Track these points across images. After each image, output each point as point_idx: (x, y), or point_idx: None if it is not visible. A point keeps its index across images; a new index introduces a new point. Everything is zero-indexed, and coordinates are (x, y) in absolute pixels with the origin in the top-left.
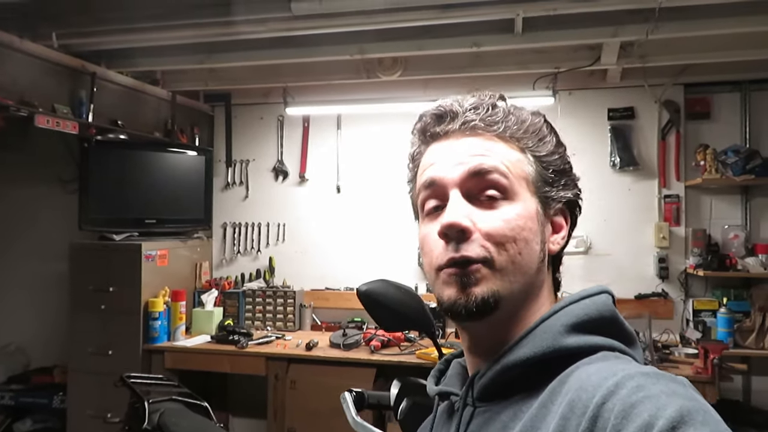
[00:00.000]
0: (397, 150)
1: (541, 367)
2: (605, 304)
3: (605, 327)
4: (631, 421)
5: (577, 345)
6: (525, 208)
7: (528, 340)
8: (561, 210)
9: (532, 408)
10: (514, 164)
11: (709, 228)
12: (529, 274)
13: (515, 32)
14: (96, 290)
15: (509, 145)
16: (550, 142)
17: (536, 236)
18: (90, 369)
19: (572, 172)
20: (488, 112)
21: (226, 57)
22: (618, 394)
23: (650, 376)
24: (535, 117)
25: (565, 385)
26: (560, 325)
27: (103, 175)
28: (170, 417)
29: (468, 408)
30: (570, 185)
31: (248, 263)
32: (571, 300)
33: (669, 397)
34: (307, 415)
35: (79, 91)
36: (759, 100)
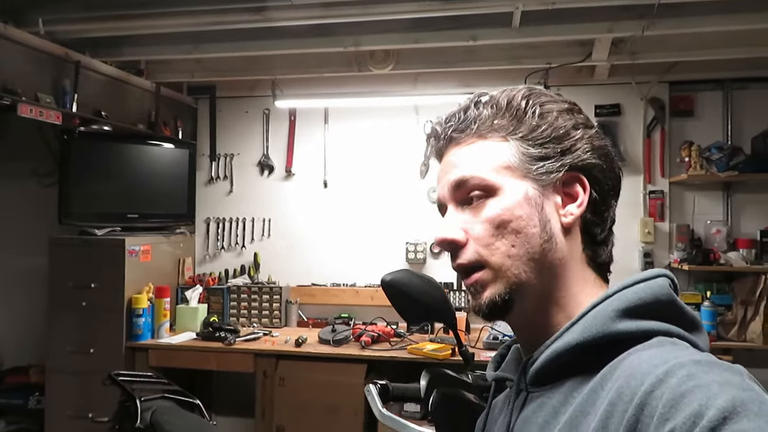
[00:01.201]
0: (385, 145)
1: (594, 352)
2: (661, 287)
3: (661, 311)
4: (679, 410)
5: (629, 330)
6: (510, 197)
7: (579, 325)
8: (569, 178)
9: (583, 393)
10: (492, 158)
11: (692, 223)
12: (534, 260)
13: (513, 26)
14: (77, 287)
15: (488, 139)
16: (532, 118)
17: (530, 220)
18: (70, 368)
19: (570, 133)
20: (461, 118)
21: (215, 47)
22: (667, 383)
23: (702, 365)
24: (512, 98)
25: (616, 371)
26: (611, 310)
27: (85, 167)
28: (163, 415)
29: (522, 393)
30: (571, 149)
31: (232, 259)
32: (625, 284)
33: (721, 386)
34: (297, 412)
35: (62, 80)
36: (740, 98)
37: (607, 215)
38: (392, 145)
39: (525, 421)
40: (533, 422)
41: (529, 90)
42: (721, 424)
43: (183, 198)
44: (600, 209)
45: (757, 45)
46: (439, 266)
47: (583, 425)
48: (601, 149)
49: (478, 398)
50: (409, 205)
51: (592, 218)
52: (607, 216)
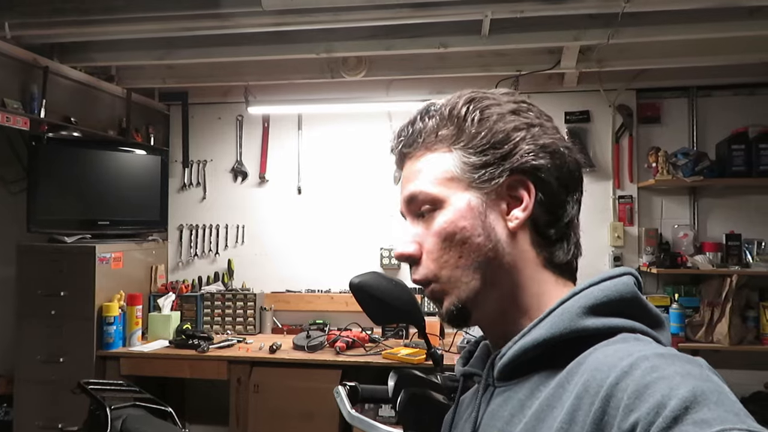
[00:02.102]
0: (359, 151)
1: (560, 348)
2: (626, 285)
3: (626, 308)
4: (643, 401)
5: (595, 327)
6: (453, 210)
7: (546, 321)
8: (513, 181)
9: (550, 387)
10: (437, 171)
11: (660, 227)
12: (482, 268)
13: (482, 34)
14: (46, 295)
15: (435, 151)
16: (472, 125)
17: (474, 230)
18: (39, 378)
19: (511, 136)
20: (409, 132)
21: (187, 53)
22: (632, 375)
23: (665, 357)
24: (455, 106)
25: (582, 366)
26: (578, 307)
27: (54, 174)
28: (134, 423)
29: (489, 388)
30: (510, 152)
31: (206, 266)
32: (592, 282)
33: (683, 377)
34: (272, 419)
35: (30, 85)
36: (704, 105)
37: (562, 212)
38: (366, 151)
39: (492, 415)
40: (500, 416)
41: (472, 95)
42: (683, 413)
43: (155, 205)
44: (552, 208)
45: (719, 53)
46: None
47: (549, 418)
48: (547, 147)
49: (446, 398)
50: (383, 210)
51: (544, 219)
52: (563, 213)
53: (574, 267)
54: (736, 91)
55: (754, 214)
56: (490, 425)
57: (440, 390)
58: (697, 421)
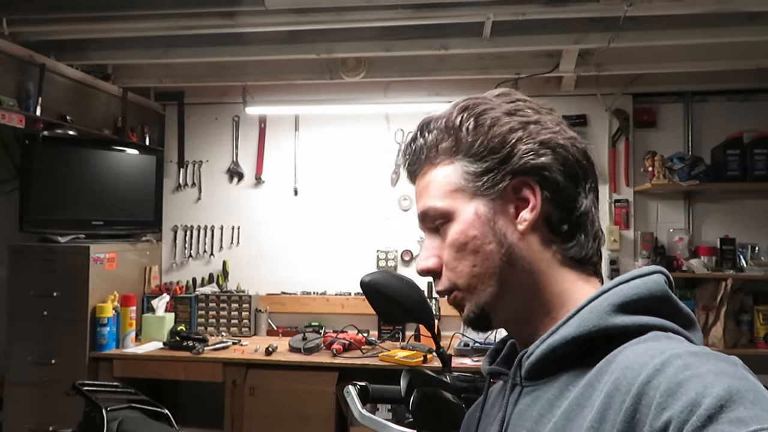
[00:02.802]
0: (356, 153)
1: (589, 347)
2: (657, 283)
3: (657, 307)
4: (676, 400)
5: (625, 324)
6: (462, 220)
7: (575, 319)
8: (517, 184)
9: (578, 387)
10: (443, 184)
11: (656, 231)
12: (498, 273)
13: (483, 36)
14: (38, 295)
15: (438, 165)
16: (467, 134)
17: (485, 237)
18: (30, 380)
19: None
20: (411, 151)
21: (185, 52)
22: (664, 373)
23: (699, 355)
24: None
25: (612, 364)
26: (607, 305)
27: (48, 173)
28: (130, 425)
29: (516, 387)
30: (509, 155)
31: (200, 267)
32: (622, 280)
33: (717, 376)
34: (268, 422)
35: (26, 83)
36: (700, 110)
37: (573, 205)
38: (363, 153)
39: (520, 415)
40: (528, 416)
41: (466, 103)
42: (718, 412)
43: (150, 205)
44: (563, 203)
45: (715, 59)
46: (411, 274)
47: (579, 418)
48: (546, 143)
49: (456, 398)
50: (380, 212)
51: (557, 215)
52: (575, 206)
53: (595, 260)
54: (730, 97)
55: (748, 218)
56: (518, 425)
57: (450, 390)
58: (733, 419)
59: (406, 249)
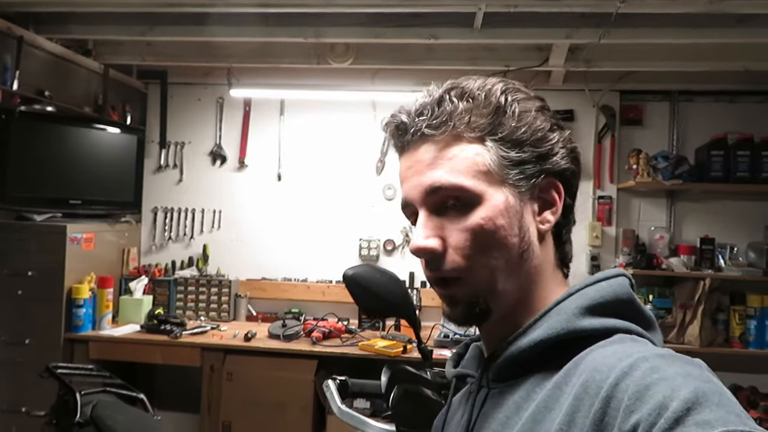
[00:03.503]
0: (341, 140)
1: (556, 349)
2: (622, 286)
3: (622, 310)
4: (644, 402)
5: (592, 327)
6: (490, 207)
7: (542, 322)
8: (547, 183)
9: (546, 389)
10: (471, 162)
11: (637, 229)
12: (511, 269)
13: (474, 27)
14: (12, 274)
15: (465, 139)
16: (512, 118)
17: (511, 229)
18: (2, 360)
19: (548, 136)
20: (434, 114)
21: (169, 30)
22: (632, 375)
23: (666, 358)
24: (491, 93)
25: (579, 366)
26: (575, 308)
27: (25, 149)
28: (104, 410)
29: (483, 389)
30: (548, 153)
31: (180, 250)
32: (587, 282)
33: (684, 378)
34: (245, 408)
35: (3, 55)
36: (686, 110)
37: (571, 216)
38: (349, 140)
39: (486, 417)
40: (494, 418)
41: (505, 84)
42: (685, 414)
43: (129, 185)
44: (568, 211)
45: (703, 59)
46: (392, 263)
47: (546, 420)
48: (573, 152)
49: (436, 395)
50: (364, 201)
51: (561, 221)
52: (571, 216)
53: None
54: (717, 98)
55: (728, 219)
56: (484, 427)
57: (430, 386)
58: (699, 422)
59: (388, 238)
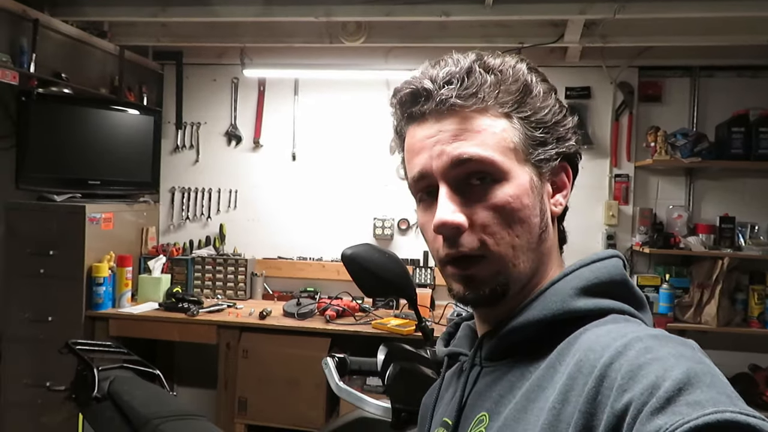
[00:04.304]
0: (355, 119)
1: (551, 329)
2: (616, 267)
3: (616, 290)
4: (637, 382)
5: (587, 308)
6: (517, 184)
7: (538, 302)
8: (560, 167)
9: (540, 368)
10: (499, 138)
11: (655, 207)
12: (531, 250)
13: (486, 3)
14: (34, 254)
15: (491, 114)
16: (537, 98)
17: (534, 209)
18: (27, 336)
19: (565, 119)
20: (463, 84)
21: (183, 11)
22: (626, 355)
23: (659, 339)
24: (518, 71)
25: (573, 346)
26: (570, 288)
27: (44, 131)
28: (121, 385)
29: (476, 368)
30: (564, 137)
31: (197, 230)
32: (582, 263)
33: (677, 359)
34: (260, 385)
35: (19, 38)
36: (706, 86)
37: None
38: (362, 119)
39: (479, 395)
40: (488, 396)
41: (528, 63)
42: (677, 394)
43: (147, 166)
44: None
45: (725, 33)
46: (406, 242)
47: (540, 399)
48: (578, 138)
49: (435, 373)
50: (378, 180)
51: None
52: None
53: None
54: (739, 73)
55: (749, 197)
56: (477, 405)
57: (429, 364)
58: (690, 402)
59: (403, 218)
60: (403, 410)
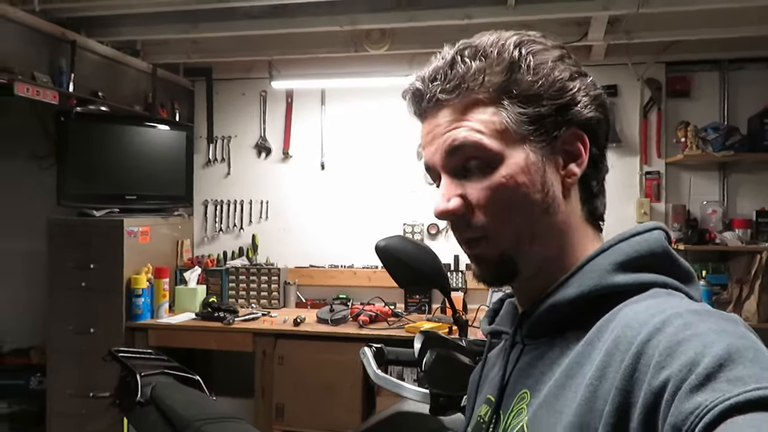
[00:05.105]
0: (382, 126)
1: (590, 305)
2: (657, 240)
3: (657, 264)
4: (675, 359)
5: (626, 283)
6: (511, 165)
7: (575, 279)
8: (570, 135)
9: (579, 345)
10: (488, 122)
11: (688, 204)
12: (535, 226)
13: (508, 4)
14: (76, 267)
15: (480, 100)
16: (526, 72)
17: (533, 186)
18: (70, 348)
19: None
20: (447, 78)
21: (213, 26)
22: (664, 332)
23: (699, 314)
24: (504, 50)
25: (611, 322)
26: (608, 264)
27: (82, 148)
28: (163, 390)
29: (517, 346)
30: (569, 104)
31: (230, 241)
32: (621, 237)
33: (718, 334)
34: (296, 391)
35: (59, 59)
36: (736, 78)
37: (602, 166)
38: (389, 126)
39: (520, 373)
40: (529, 374)
41: (519, 37)
42: (717, 371)
43: (181, 180)
44: (597, 161)
45: (754, 24)
46: (437, 247)
47: (579, 375)
48: (597, 99)
49: (470, 360)
50: (406, 186)
51: (590, 172)
52: (602, 167)
53: (603, 219)
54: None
55: None
56: (518, 383)
57: (465, 352)
58: (731, 378)
59: (432, 223)
60: (442, 395)
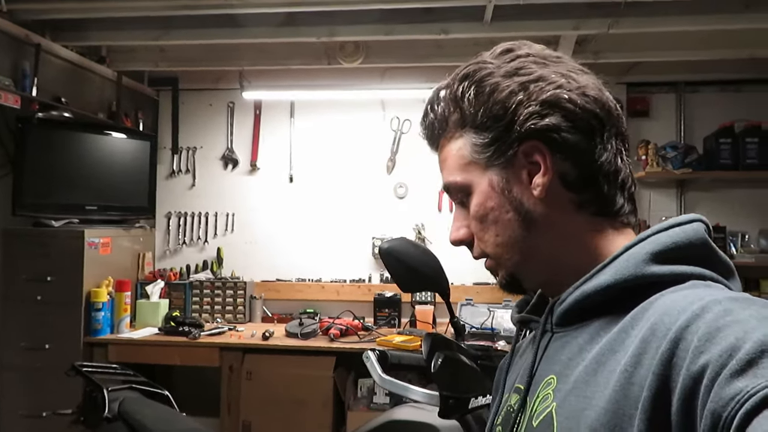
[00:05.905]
0: (352, 140)
1: (624, 294)
2: (696, 231)
3: (696, 255)
4: (715, 344)
5: (662, 273)
6: (479, 193)
7: (611, 267)
8: (526, 149)
9: (612, 332)
10: (458, 157)
11: (648, 219)
12: (520, 241)
13: (485, 20)
14: (31, 279)
15: (451, 138)
16: (469, 105)
17: (503, 207)
18: (22, 365)
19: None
20: (425, 128)
21: (181, 34)
22: (703, 318)
23: (739, 301)
24: (453, 88)
25: (648, 311)
26: (644, 253)
27: (42, 156)
28: (131, 405)
29: (547, 333)
30: (513, 122)
31: (194, 254)
32: (660, 228)
33: (759, 321)
34: (265, 407)
35: (22, 63)
36: (692, 100)
37: (590, 159)
38: (359, 140)
39: (549, 359)
40: (557, 360)
41: (467, 70)
42: (759, 357)
43: (143, 191)
44: (579, 160)
45: (710, 48)
46: None
47: (611, 362)
48: (551, 102)
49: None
50: (376, 200)
51: (574, 173)
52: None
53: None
54: (722, 88)
55: (738, 207)
56: (547, 369)
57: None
58: None
59: (401, 236)
60: (451, 397)
